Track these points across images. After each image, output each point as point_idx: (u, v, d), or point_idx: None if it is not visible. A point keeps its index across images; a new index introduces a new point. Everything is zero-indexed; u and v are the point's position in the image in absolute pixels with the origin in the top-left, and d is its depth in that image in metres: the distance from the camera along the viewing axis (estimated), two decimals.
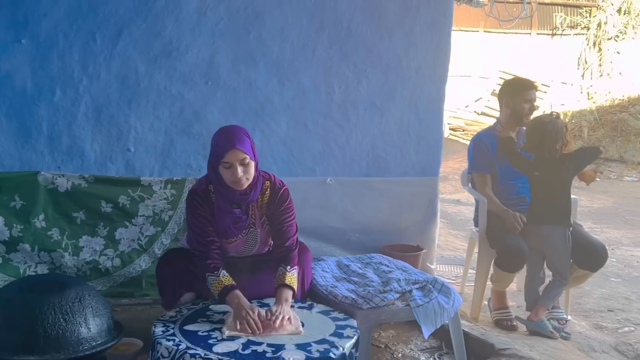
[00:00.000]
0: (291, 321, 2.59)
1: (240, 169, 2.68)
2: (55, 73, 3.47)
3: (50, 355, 2.35)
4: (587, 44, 14.16)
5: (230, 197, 2.79)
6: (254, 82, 3.79)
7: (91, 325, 2.47)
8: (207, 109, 3.73)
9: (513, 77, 4.81)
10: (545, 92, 13.13)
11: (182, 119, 3.70)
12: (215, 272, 2.71)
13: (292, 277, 2.81)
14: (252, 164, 2.73)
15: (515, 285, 4.44)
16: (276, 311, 2.59)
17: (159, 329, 2.52)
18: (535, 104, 3.97)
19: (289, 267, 2.84)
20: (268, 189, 2.89)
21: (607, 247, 3.86)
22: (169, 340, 2.40)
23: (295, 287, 2.80)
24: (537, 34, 14.88)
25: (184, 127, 3.71)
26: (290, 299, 2.73)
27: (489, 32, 14.45)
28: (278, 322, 2.54)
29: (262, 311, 2.60)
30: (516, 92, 3.94)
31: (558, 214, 3.66)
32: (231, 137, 2.71)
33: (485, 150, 3.98)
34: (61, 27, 3.45)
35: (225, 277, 2.71)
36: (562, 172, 3.70)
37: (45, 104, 3.48)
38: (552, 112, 3.92)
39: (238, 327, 2.51)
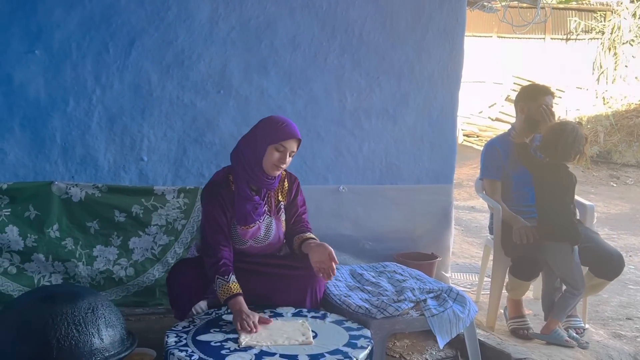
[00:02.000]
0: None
1: (288, 159, 2.84)
2: (69, 83, 3.50)
3: None
4: (602, 49, 14.04)
5: (257, 181, 2.88)
6: (266, 90, 3.79)
7: (104, 336, 2.46)
8: (220, 118, 3.73)
9: (529, 82, 4.77)
10: (560, 98, 13.02)
11: (194, 128, 3.71)
12: (225, 277, 2.74)
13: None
14: (291, 158, 2.90)
15: (532, 293, 4.40)
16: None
17: (171, 340, 2.51)
18: (552, 109, 3.93)
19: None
20: (285, 179, 3.06)
21: (624, 255, 3.81)
22: (181, 351, 2.39)
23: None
24: (551, 38, 14.77)
25: (196, 136, 3.71)
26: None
27: (502, 37, 14.37)
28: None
29: (258, 317, 2.66)
30: (532, 98, 3.90)
31: (561, 232, 3.59)
32: (293, 127, 2.88)
33: (497, 157, 3.95)
34: (74, 38, 3.47)
35: (233, 284, 2.73)
36: (565, 182, 3.63)
37: (59, 114, 3.50)
38: (577, 122, 3.88)
39: (238, 327, 2.58)
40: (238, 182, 2.89)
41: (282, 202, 3.06)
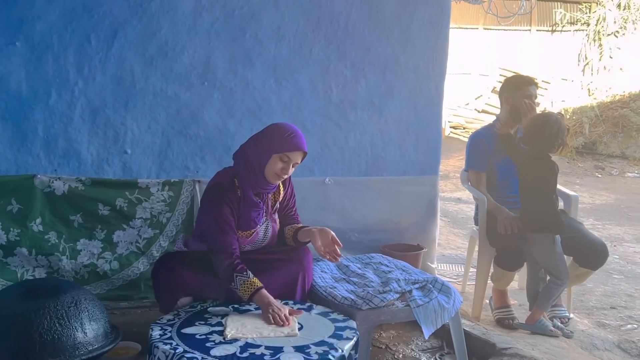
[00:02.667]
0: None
1: (290, 169, 2.84)
2: (51, 75, 3.45)
3: None
4: (587, 40, 14.09)
5: (259, 186, 2.88)
6: (251, 82, 3.77)
7: (87, 330, 2.44)
8: (204, 110, 3.71)
9: (513, 74, 4.78)
10: (546, 89, 13.08)
11: (178, 120, 3.68)
12: (244, 273, 2.73)
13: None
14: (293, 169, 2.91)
15: (517, 283, 4.42)
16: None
17: (156, 333, 2.49)
18: (536, 100, 3.94)
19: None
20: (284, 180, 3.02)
21: (608, 245, 3.84)
22: (166, 344, 2.38)
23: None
24: (537, 30, 14.82)
25: (180, 129, 3.69)
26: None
27: (488, 29, 14.38)
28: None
29: (288, 309, 2.68)
30: (516, 88, 3.91)
31: (542, 224, 3.61)
32: (301, 139, 2.86)
33: (483, 148, 3.96)
34: (56, 29, 3.43)
35: (254, 279, 2.73)
36: (547, 172, 3.64)
37: (41, 106, 3.46)
38: (558, 112, 3.89)
39: (271, 321, 2.58)
40: (244, 187, 2.88)
41: (277, 202, 3.06)
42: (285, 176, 2.88)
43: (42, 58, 3.43)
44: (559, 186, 4.07)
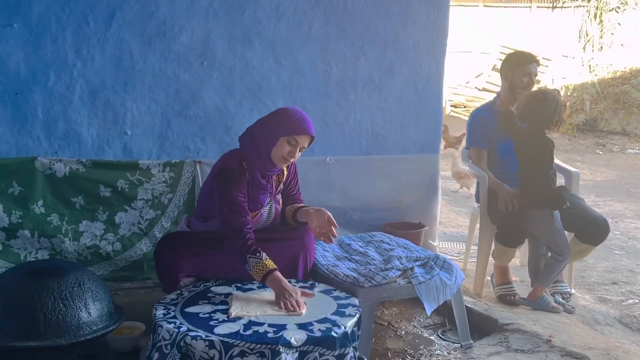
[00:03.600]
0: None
1: (297, 153, 2.84)
2: (49, 57, 3.43)
3: (50, 340, 2.33)
4: (588, 16, 13.98)
5: (266, 168, 2.89)
6: (250, 61, 3.75)
7: (91, 310, 2.46)
8: (204, 90, 3.69)
9: (515, 50, 4.75)
10: (547, 66, 13.01)
11: (178, 100, 3.66)
12: (258, 255, 2.71)
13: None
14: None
15: (519, 260, 4.44)
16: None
17: (160, 312, 2.51)
18: (536, 78, 3.92)
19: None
20: None
21: (609, 221, 3.84)
22: (170, 322, 2.39)
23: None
24: (537, 7, 14.72)
25: (180, 109, 3.67)
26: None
27: (488, 6, 14.31)
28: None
29: (300, 292, 2.66)
30: (516, 65, 3.89)
31: (539, 200, 3.61)
32: (309, 123, 2.86)
33: (483, 126, 3.95)
34: (53, 10, 3.40)
35: (268, 261, 2.71)
36: (542, 148, 3.63)
37: (40, 88, 3.44)
38: (555, 89, 3.88)
39: (282, 306, 2.55)
40: (252, 169, 2.88)
41: (281, 183, 3.07)
42: (292, 159, 2.87)
43: (40, 39, 3.41)
44: (560, 162, 4.08)
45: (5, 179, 3.44)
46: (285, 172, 3.08)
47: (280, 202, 3.10)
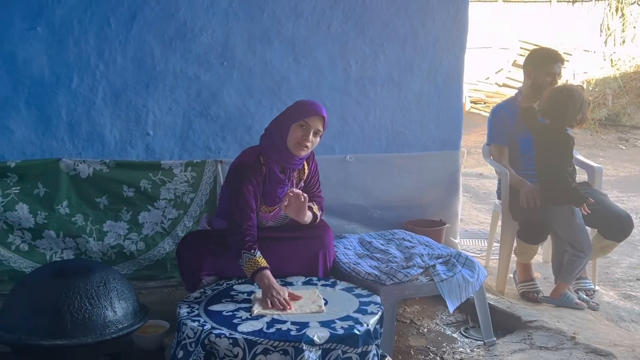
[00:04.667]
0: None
1: (311, 135, 2.84)
2: (72, 59, 3.48)
3: (77, 339, 2.37)
4: (610, 10, 13.82)
5: (285, 161, 2.90)
6: (270, 61, 3.77)
7: (117, 309, 2.49)
8: (224, 90, 3.72)
9: (539, 47, 4.70)
10: (568, 61, 12.86)
11: (199, 101, 3.69)
12: (252, 251, 2.73)
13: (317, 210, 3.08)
14: (318, 139, 2.92)
15: (541, 257, 4.41)
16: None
17: (184, 310, 2.54)
18: (559, 77, 3.87)
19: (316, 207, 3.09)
20: (307, 158, 3.07)
21: (633, 216, 3.80)
22: (194, 321, 2.42)
23: (317, 215, 3.08)
24: (558, 1, 14.56)
25: (201, 109, 3.70)
26: (310, 215, 3.02)
27: (508, 2, 14.18)
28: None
29: (288, 292, 2.65)
30: (539, 64, 3.84)
31: (560, 195, 3.58)
32: (318, 106, 2.92)
33: (504, 122, 3.93)
34: (75, 13, 3.44)
35: (260, 258, 2.73)
36: (563, 145, 3.60)
37: (64, 90, 3.49)
38: (579, 85, 3.84)
39: (269, 305, 2.56)
40: (269, 164, 2.91)
41: (302, 181, 3.08)
42: (308, 144, 2.87)
43: (63, 42, 3.46)
44: (582, 158, 4.05)
45: (31, 180, 3.50)
46: (307, 170, 3.09)
47: None
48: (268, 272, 2.69)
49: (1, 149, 3.45)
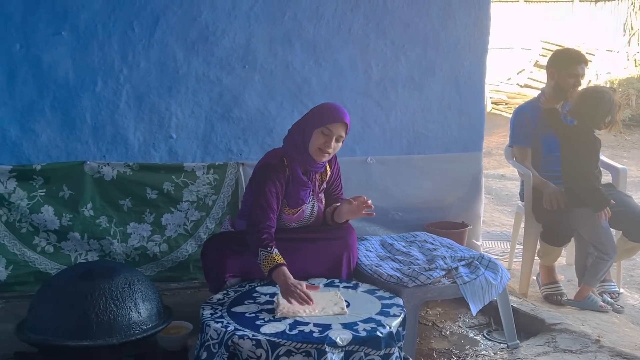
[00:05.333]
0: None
1: (333, 142, 2.85)
2: (96, 63, 3.52)
3: (102, 339, 2.41)
4: (633, 9, 13.66)
5: (306, 164, 2.92)
6: (291, 63, 3.78)
7: (141, 310, 2.52)
8: (246, 92, 3.74)
9: (562, 48, 4.65)
10: (590, 61, 12.72)
11: (221, 104, 3.72)
12: (269, 249, 2.74)
13: None
14: (341, 144, 2.93)
15: (565, 259, 4.36)
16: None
17: (207, 312, 2.55)
18: (583, 78, 3.83)
19: None
20: (330, 160, 3.07)
21: None
22: (217, 322, 2.44)
23: None
24: (580, 1, 14.43)
25: (223, 112, 3.73)
26: None
27: (529, 2, 14.08)
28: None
29: (305, 284, 2.66)
30: (562, 65, 3.81)
31: (585, 198, 3.54)
32: (342, 112, 2.90)
33: (527, 123, 3.90)
34: (100, 18, 3.49)
35: (277, 255, 2.74)
36: (591, 147, 3.57)
37: (88, 94, 3.54)
38: (611, 88, 3.81)
39: (290, 300, 2.56)
40: (292, 166, 2.92)
41: (324, 182, 3.09)
42: (330, 150, 2.88)
43: (88, 46, 3.50)
44: (606, 159, 4.00)
45: (56, 182, 3.55)
46: (329, 172, 3.10)
47: (323, 201, 3.12)
48: (285, 269, 2.70)
49: (27, 152, 3.51)
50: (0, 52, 3.41)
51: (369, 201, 2.94)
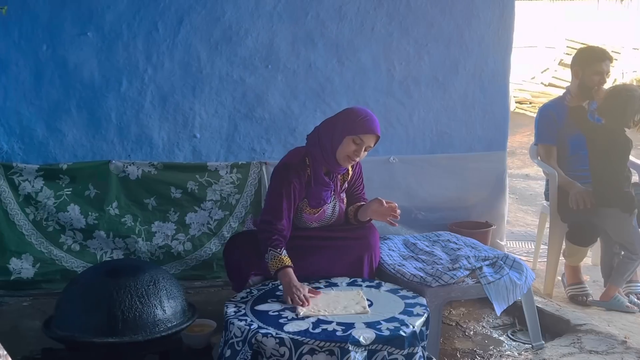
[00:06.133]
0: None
1: (362, 152, 2.84)
2: (121, 64, 3.57)
3: (128, 336, 2.42)
4: None
5: (329, 165, 2.91)
6: (314, 63, 3.79)
7: (166, 307, 2.54)
8: (269, 92, 3.76)
9: (586, 46, 4.58)
10: (616, 60, 12.56)
11: (244, 103, 3.74)
12: (278, 250, 2.75)
13: None
14: (366, 153, 2.91)
15: (590, 259, 4.31)
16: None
17: (231, 310, 2.56)
18: (608, 75, 3.78)
19: None
20: None
21: None
22: (241, 320, 2.45)
23: None
24: None
25: (246, 112, 3.75)
26: None
27: (553, 0, 13.93)
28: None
29: (307, 289, 2.67)
30: (586, 63, 3.76)
31: (615, 198, 3.50)
32: (375, 122, 2.87)
33: (552, 121, 3.85)
34: (125, 18, 3.53)
35: (285, 257, 2.75)
36: (622, 147, 3.52)
37: (113, 94, 3.59)
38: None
39: (289, 301, 2.58)
40: (315, 166, 2.91)
41: (345, 182, 3.09)
42: (357, 159, 2.88)
43: (113, 47, 3.55)
44: (634, 159, 3.94)
45: (82, 182, 3.60)
46: (351, 172, 3.09)
47: (345, 201, 3.12)
48: (291, 271, 2.70)
49: (54, 151, 3.57)
50: (28, 53, 3.48)
51: (398, 211, 2.92)
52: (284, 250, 2.77)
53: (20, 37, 3.45)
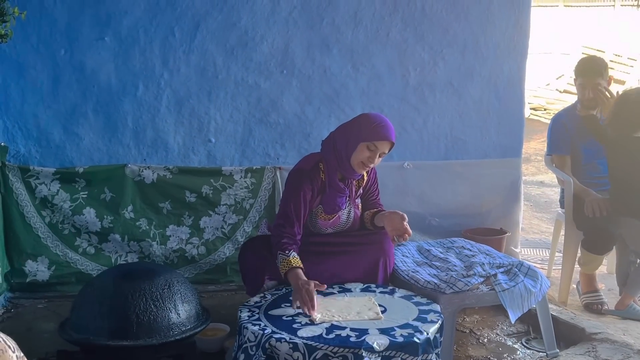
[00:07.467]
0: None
1: (377, 159, 2.84)
2: (138, 68, 3.60)
3: (142, 340, 2.44)
4: None
5: (344, 171, 2.90)
6: (329, 68, 3.80)
7: (180, 311, 2.55)
8: (284, 97, 3.77)
9: (584, 57, 4.54)
10: (632, 67, 12.48)
11: (259, 108, 3.76)
12: (287, 252, 2.75)
13: None
14: (381, 159, 2.91)
15: (606, 267, 4.28)
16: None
17: (244, 314, 2.57)
18: (604, 88, 3.71)
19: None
20: None
21: None
22: (254, 324, 2.45)
23: None
24: (621, 5, 14.16)
25: (261, 117, 3.77)
26: None
27: (569, 6, 13.87)
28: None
29: (313, 283, 2.63)
30: (576, 75, 3.79)
31: (635, 207, 3.46)
32: (390, 129, 2.87)
33: (564, 131, 3.84)
34: (141, 24, 3.57)
35: (294, 258, 2.75)
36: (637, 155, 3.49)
37: (129, 98, 3.62)
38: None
39: (295, 304, 2.58)
40: (330, 172, 2.91)
41: (360, 188, 3.09)
42: (372, 165, 2.88)
43: (130, 52, 3.58)
44: None
45: (98, 185, 3.63)
46: (365, 177, 3.09)
47: (360, 206, 3.12)
48: (299, 271, 2.70)
49: (70, 155, 3.61)
50: (46, 57, 3.52)
51: (407, 236, 2.90)
52: (293, 252, 2.77)
53: (38, 41, 3.50)
